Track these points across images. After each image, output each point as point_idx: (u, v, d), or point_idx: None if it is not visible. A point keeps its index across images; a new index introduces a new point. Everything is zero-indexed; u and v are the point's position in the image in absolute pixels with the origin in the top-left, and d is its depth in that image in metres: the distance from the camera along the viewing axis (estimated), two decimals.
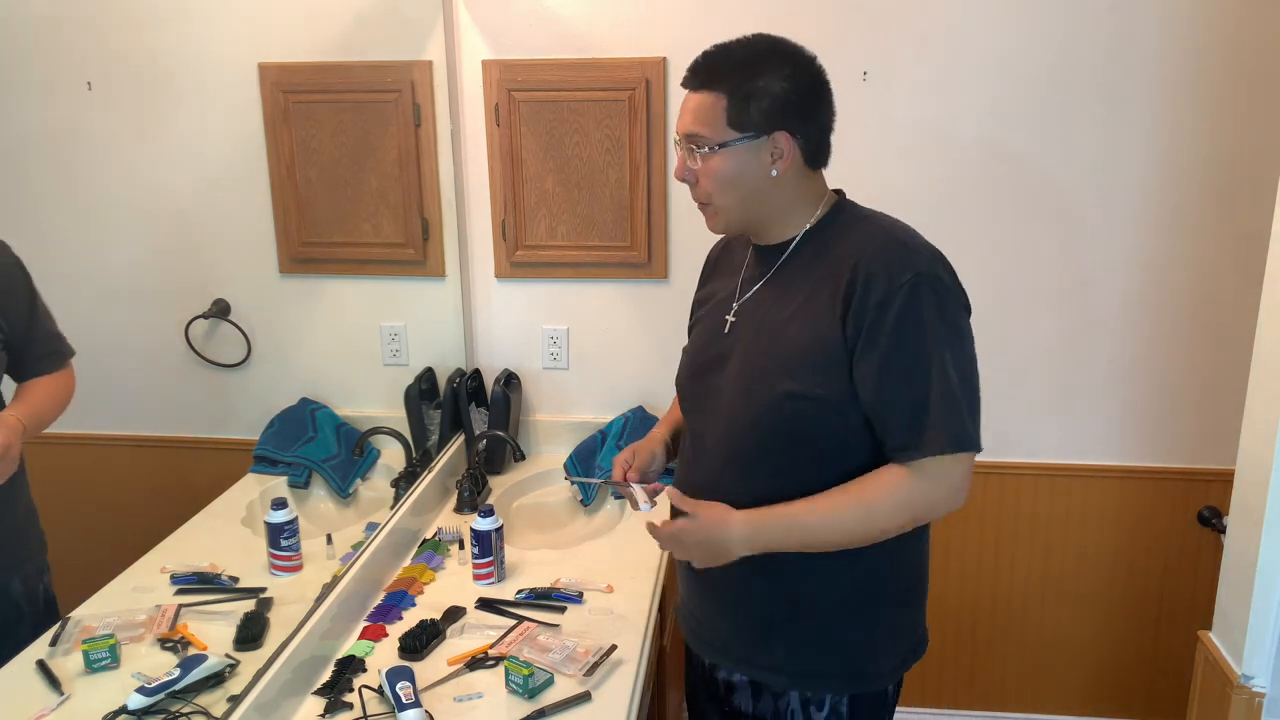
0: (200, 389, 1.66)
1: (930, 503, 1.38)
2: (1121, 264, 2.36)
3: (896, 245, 1.38)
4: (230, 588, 1.60)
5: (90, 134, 1.43)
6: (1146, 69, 2.24)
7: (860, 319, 1.34)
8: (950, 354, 1.34)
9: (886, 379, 1.34)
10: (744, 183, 1.42)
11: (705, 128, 1.40)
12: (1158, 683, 2.61)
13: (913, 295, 1.33)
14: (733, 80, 1.38)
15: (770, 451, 1.43)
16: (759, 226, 1.48)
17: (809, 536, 1.40)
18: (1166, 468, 2.47)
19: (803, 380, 1.38)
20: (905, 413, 1.35)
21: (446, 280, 2.47)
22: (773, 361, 1.42)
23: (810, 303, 1.40)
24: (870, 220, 1.45)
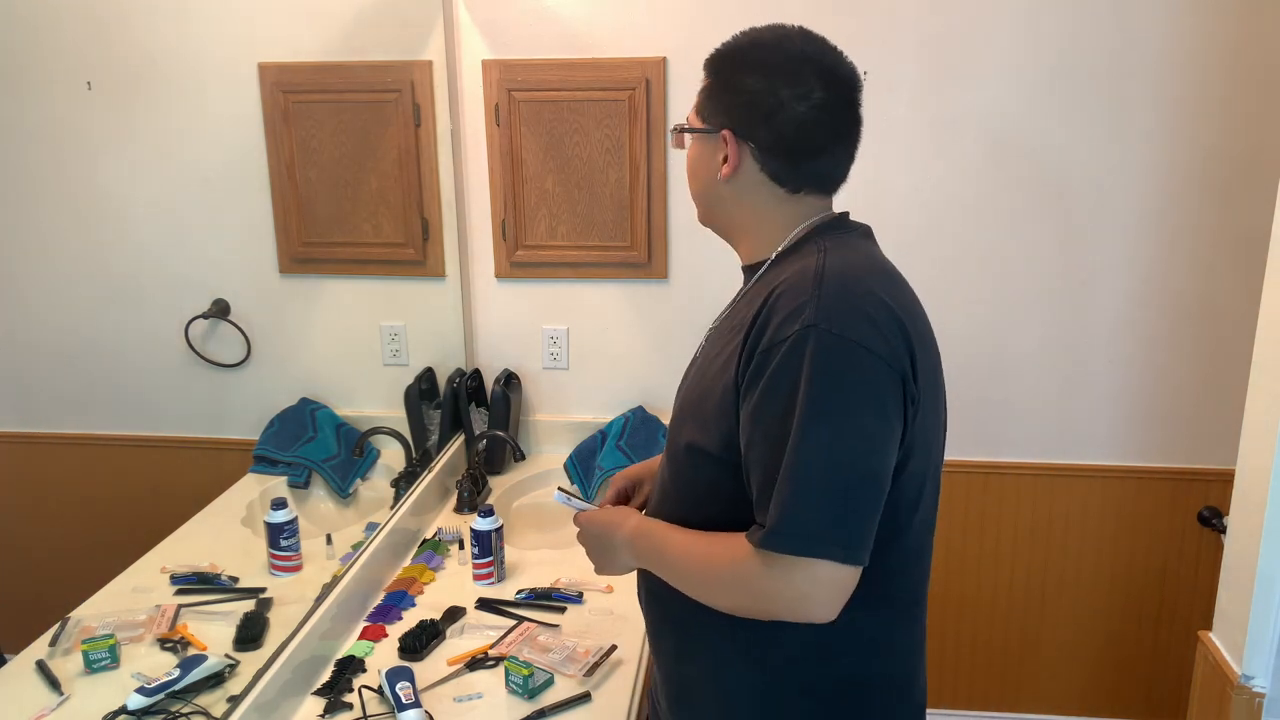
0: (200, 389, 1.66)
1: (771, 600, 1.12)
2: (1121, 264, 2.36)
3: (808, 285, 1.13)
4: (230, 588, 1.59)
5: (90, 134, 1.42)
6: (1147, 69, 2.24)
7: (749, 365, 1.13)
8: (823, 431, 1.07)
9: (750, 438, 1.13)
10: (699, 177, 1.29)
11: (690, 109, 1.31)
12: (1158, 683, 2.61)
13: (794, 349, 1.08)
14: (720, 66, 1.25)
15: (680, 502, 1.27)
16: (727, 236, 1.32)
17: (664, 564, 1.24)
18: (1166, 468, 2.47)
19: (698, 430, 1.21)
20: (759, 483, 1.12)
21: (446, 280, 2.47)
22: (684, 406, 1.28)
23: (726, 343, 1.21)
24: (824, 251, 1.18)
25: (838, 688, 1.23)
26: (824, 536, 1.07)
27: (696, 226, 2.47)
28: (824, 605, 1.10)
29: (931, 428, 1.21)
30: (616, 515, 1.34)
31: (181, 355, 1.58)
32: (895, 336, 1.12)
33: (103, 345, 1.45)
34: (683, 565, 1.22)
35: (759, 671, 1.22)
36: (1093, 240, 2.35)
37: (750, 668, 1.23)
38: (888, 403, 1.11)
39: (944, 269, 2.41)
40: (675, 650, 1.32)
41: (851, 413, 1.08)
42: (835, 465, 1.07)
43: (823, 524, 1.07)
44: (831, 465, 1.07)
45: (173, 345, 1.57)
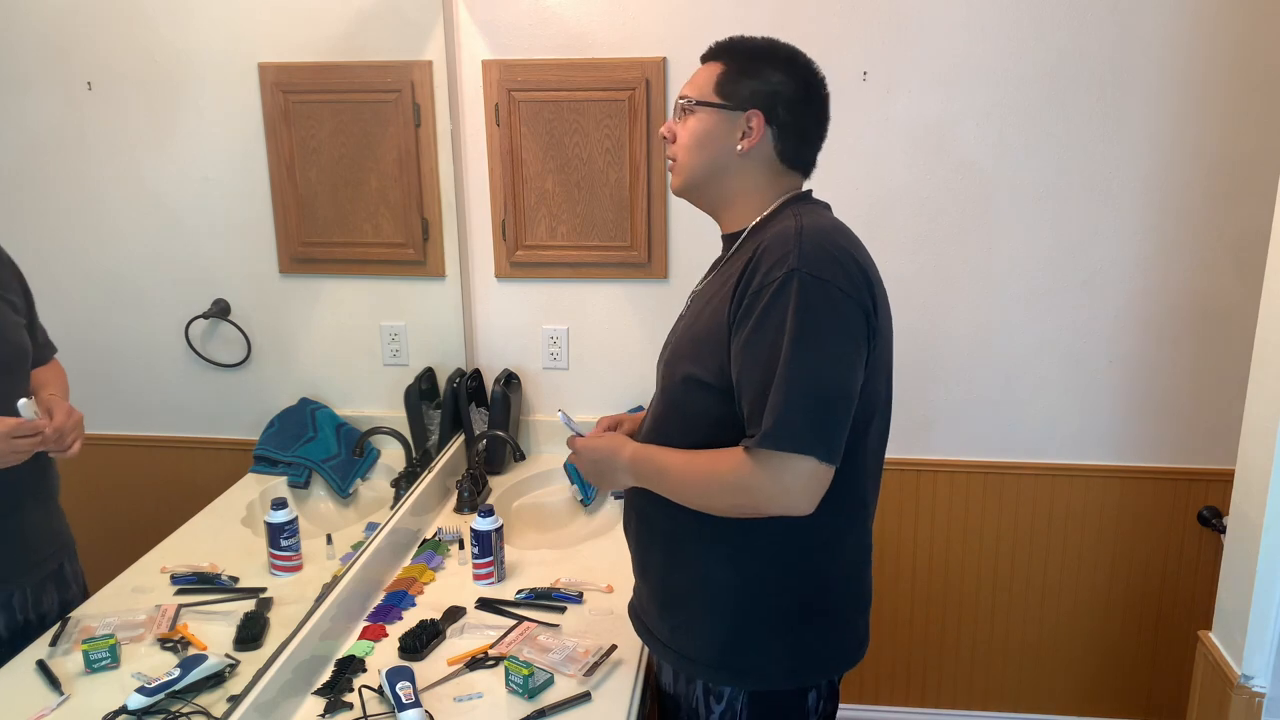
0: (200, 389, 1.66)
1: (763, 495, 1.34)
2: (1121, 264, 2.36)
3: (793, 240, 1.36)
4: (230, 588, 1.60)
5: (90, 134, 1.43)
6: (1147, 69, 2.24)
7: (739, 305, 1.37)
8: (807, 354, 1.31)
9: (741, 364, 1.36)
10: (710, 147, 1.46)
11: (695, 90, 1.48)
12: (1158, 683, 2.61)
13: (781, 289, 1.32)
14: (739, 58, 1.46)
15: (672, 430, 1.48)
16: (715, 204, 1.52)
17: (666, 483, 1.45)
18: (1166, 468, 2.47)
19: (695, 364, 1.43)
20: (751, 400, 1.35)
21: (446, 280, 2.47)
22: (680, 346, 1.49)
23: (719, 291, 1.43)
24: (800, 216, 1.42)
25: (803, 581, 1.47)
26: (808, 438, 1.31)
27: (697, 226, 2.47)
28: (804, 497, 1.33)
29: (886, 361, 1.46)
30: (615, 440, 1.54)
31: (181, 355, 1.59)
32: (860, 280, 1.36)
33: (103, 345, 1.45)
34: (684, 477, 1.42)
35: (737, 573, 1.46)
36: (1093, 240, 2.35)
37: (731, 571, 1.46)
38: (856, 333, 1.35)
39: (943, 269, 2.41)
40: (664, 563, 1.54)
41: (828, 339, 1.32)
42: (816, 382, 1.31)
43: (807, 427, 1.30)
44: (813, 381, 1.31)
45: (173, 345, 1.58)
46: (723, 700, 1.51)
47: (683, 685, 1.55)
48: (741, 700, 1.50)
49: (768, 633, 1.47)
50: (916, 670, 2.66)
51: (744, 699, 1.50)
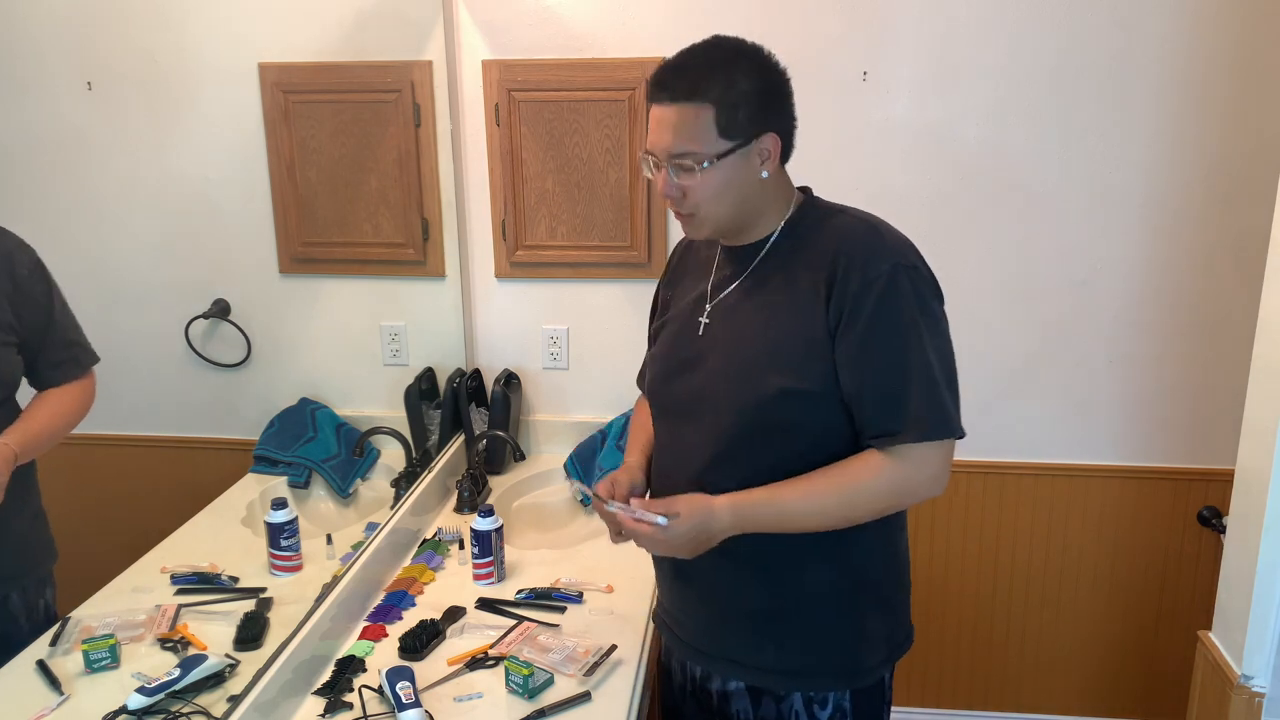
0: (200, 389, 1.66)
1: (911, 488, 1.40)
2: (1121, 264, 2.36)
3: (874, 236, 1.40)
4: (230, 588, 1.60)
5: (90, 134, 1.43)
6: (1146, 69, 2.24)
7: (841, 308, 1.36)
8: (930, 341, 1.36)
9: (866, 365, 1.36)
10: (736, 190, 1.40)
11: (695, 143, 1.36)
12: (1158, 683, 2.61)
13: (891, 284, 1.35)
14: (717, 88, 1.35)
15: (758, 446, 1.43)
16: (740, 228, 1.47)
17: (789, 518, 1.41)
18: (1166, 468, 2.47)
19: (789, 374, 1.39)
20: (885, 399, 1.36)
21: (446, 280, 2.47)
22: (758, 357, 1.42)
23: (792, 297, 1.41)
24: (843, 213, 1.46)
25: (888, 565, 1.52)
26: (955, 421, 1.38)
27: None
28: (946, 477, 1.41)
29: None
30: (699, 508, 1.41)
31: (181, 355, 1.59)
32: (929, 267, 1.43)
33: (103, 345, 1.46)
34: (816, 505, 1.40)
35: (837, 570, 1.46)
36: (1093, 240, 2.35)
37: (831, 569, 1.46)
38: (945, 317, 1.43)
39: (943, 268, 2.39)
40: (758, 586, 1.48)
41: (941, 322, 1.41)
42: (945, 366, 1.38)
43: (951, 410, 1.38)
44: (944, 366, 1.38)
45: (173, 345, 1.58)
46: (828, 705, 1.50)
47: (769, 707, 1.52)
48: (847, 700, 1.50)
49: (866, 625, 1.50)
50: (916, 670, 2.66)
51: (849, 698, 1.50)
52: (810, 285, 1.39)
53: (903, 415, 1.35)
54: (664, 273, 1.67)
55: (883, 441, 1.37)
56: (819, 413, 1.40)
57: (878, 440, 1.38)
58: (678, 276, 1.62)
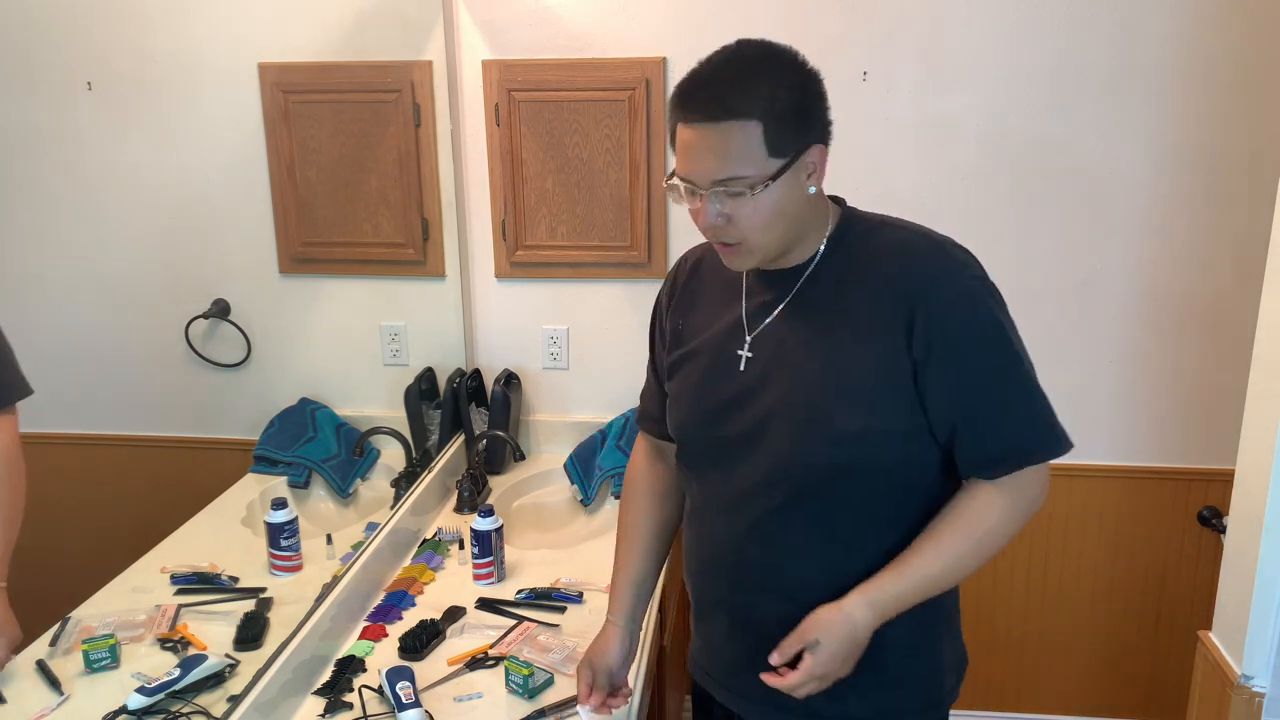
0: (200, 389, 1.66)
1: (1029, 509, 1.30)
2: (1121, 264, 2.36)
3: (941, 252, 1.28)
4: (230, 588, 1.60)
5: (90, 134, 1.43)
6: (1147, 69, 2.24)
7: (929, 337, 1.22)
8: (1021, 353, 1.28)
9: (970, 395, 1.25)
10: (788, 212, 1.24)
11: (745, 165, 1.19)
12: (1158, 683, 2.61)
13: (976, 304, 1.25)
14: (761, 101, 1.18)
15: (826, 490, 1.29)
16: (783, 252, 1.30)
17: (929, 587, 1.28)
18: (1166, 468, 2.47)
19: (863, 410, 1.24)
20: (1000, 425, 1.26)
21: (446, 280, 2.47)
22: (825, 393, 1.26)
23: (856, 324, 1.26)
24: (892, 226, 1.33)
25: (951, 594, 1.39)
26: (1063, 430, 1.30)
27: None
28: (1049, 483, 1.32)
29: None
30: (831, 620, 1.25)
31: (181, 355, 1.59)
32: None
33: (103, 345, 1.46)
34: (956, 564, 1.27)
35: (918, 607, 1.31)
36: (1092, 240, 2.35)
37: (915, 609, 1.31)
38: None
39: None
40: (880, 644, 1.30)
41: (1017, 334, 1.30)
42: (1035, 377, 1.29)
43: (1057, 421, 1.30)
44: (1035, 378, 1.29)
45: (173, 345, 1.58)
46: None
47: None
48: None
49: (943, 653, 1.41)
50: None
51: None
52: (876, 311, 1.25)
53: (1020, 441, 1.26)
54: (667, 298, 1.48)
55: (994, 470, 1.27)
56: (897, 450, 1.27)
57: (988, 469, 1.27)
58: (689, 302, 1.44)
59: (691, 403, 1.39)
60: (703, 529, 1.42)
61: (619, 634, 1.50)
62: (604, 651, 1.49)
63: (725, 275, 1.38)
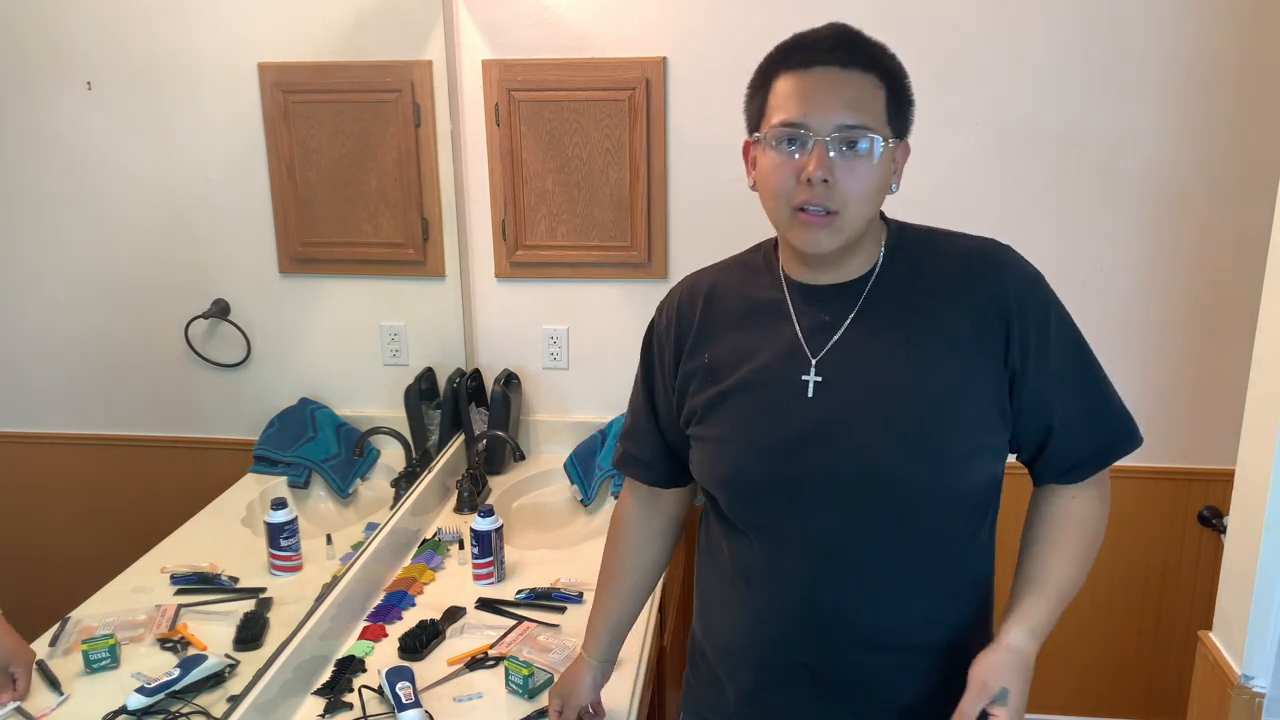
0: (200, 389, 1.66)
1: (1108, 509, 1.28)
2: (1121, 263, 2.36)
3: (1013, 257, 1.24)
4: (230, 588, 1.59)
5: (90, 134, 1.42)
6: (1148, 67, 2.24)
7: (1025, 343, 1.17)
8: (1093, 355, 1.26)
9: (1069, 398, 1.21)
10: (880, 198, 1.17)
11: (872, 119, 1.11)
12: (1158, 683, 2.61)
13: (1056, 306, 1.22)
14: (889, 64, 1.16)
15: (941, 520, 1.20)
16: (847, 253, 1.20)
17: (1069, 598, 1.26)
18: (1166, 468, 2.47)
19: (969, 428, 1.17)
20: (1095, 426, 1.24)
21: (446, 280, 2.47)
22: (927, 413, 1.16)
23: (948, 337, 1.18)
24: (941, 234, 1.27)
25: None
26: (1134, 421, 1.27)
27: (696, 226, 2.47)
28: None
29: None
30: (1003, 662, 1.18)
31: (181, 355, 1.58)
32: None
33: (103, 345, 1.45)
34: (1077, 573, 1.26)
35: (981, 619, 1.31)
36: (1092, 240, 2.35)
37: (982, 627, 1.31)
38: None
39: None
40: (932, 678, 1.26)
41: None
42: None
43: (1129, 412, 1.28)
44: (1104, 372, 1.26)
45: (173, 345, 1.57)
46: None
47: None
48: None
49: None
50: None
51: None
52: (966, 322, 1.17)
53: (1112, 438, 1.25)
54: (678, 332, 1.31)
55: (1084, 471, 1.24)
56: (992, 468, 1.21)
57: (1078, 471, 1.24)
58: (711, 333, 1.28)
59: (744, 444, 1.22)
60: (768, 586, 1.24)
61: (591, 671, 1.48)
62: (575, 687, 1.48)
63: (754, 297, 1.26)
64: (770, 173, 1.14)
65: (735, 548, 1.28)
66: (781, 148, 1.13)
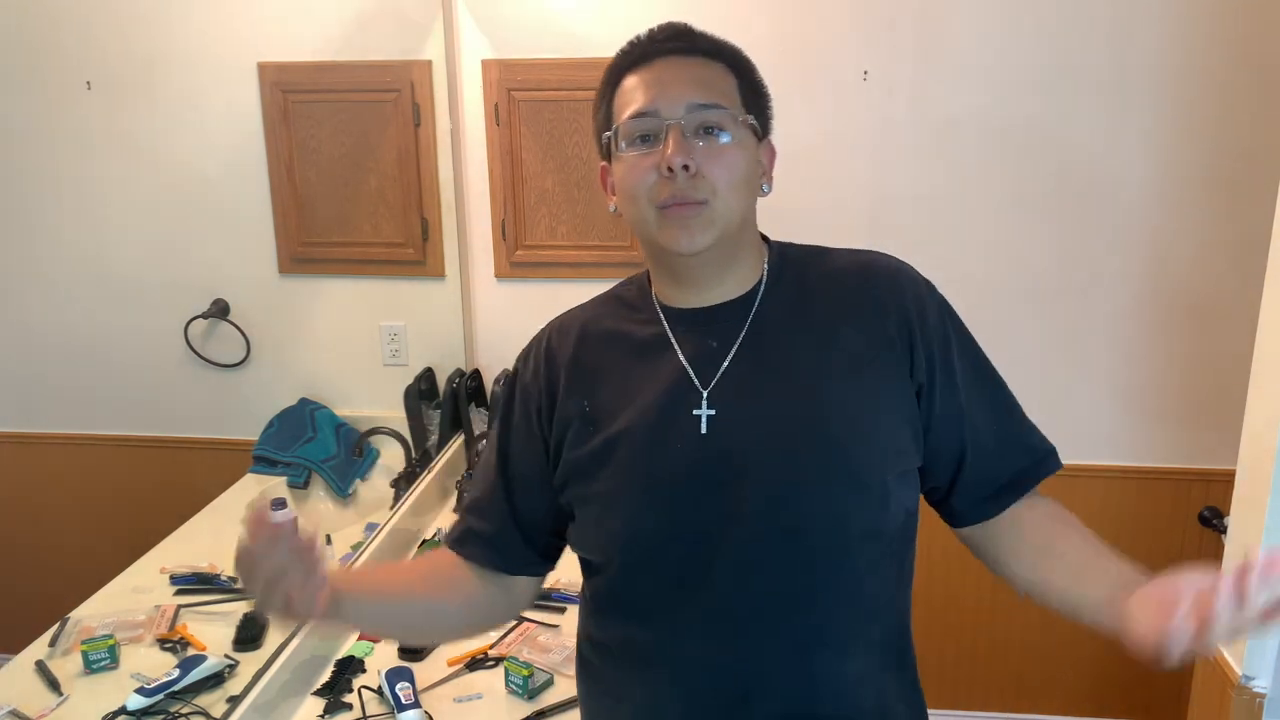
0: (200, 389, 1.66)
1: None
2: (1121, 264, 2.36)
3: (906, 269, 1.14)
4: (229, 588, 1.59)
5: (90, 134, 1.43)
6: (1147, 68, 2.24)
7: (929, 352, 1.07)
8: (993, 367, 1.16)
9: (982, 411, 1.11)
10: (751, 189, 1.06)
11: (724, 97, 1.04)
12: (1158, 683, 2.61)
13: (952, 315, 1.13)
14: (739, 59, 1.09)
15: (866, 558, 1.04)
16: (724, 264, 1.08)
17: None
18: (1166, 468, 2.47)
19: (884, 450, 1.04)
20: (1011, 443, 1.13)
21: (446, 280, 2.47)
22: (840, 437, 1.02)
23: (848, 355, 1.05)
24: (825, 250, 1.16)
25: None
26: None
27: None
28: None
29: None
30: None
31: (181, 355, 1.59)
32: None
33: (103, 345, 1.46)
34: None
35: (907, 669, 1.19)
36: (1093, 240, 2.35)
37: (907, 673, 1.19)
38: None
39: (943, 270, 2.39)
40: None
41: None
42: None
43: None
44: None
45: (173, 345, 1.58)
46: None
47: None
48: None
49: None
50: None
51: None
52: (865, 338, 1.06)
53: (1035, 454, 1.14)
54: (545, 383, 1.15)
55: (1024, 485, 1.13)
56: (908, 498, 1.07)
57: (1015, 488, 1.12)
58: (583, 377, 1.12)
59: (638, 493, 1.05)
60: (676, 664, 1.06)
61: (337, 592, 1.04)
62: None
63: (631, 333, 1.13)
64: (626, 174, 1.04)
65: (629, 637, 1.10)
66: (635, 146, 1.03)
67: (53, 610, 1.39)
